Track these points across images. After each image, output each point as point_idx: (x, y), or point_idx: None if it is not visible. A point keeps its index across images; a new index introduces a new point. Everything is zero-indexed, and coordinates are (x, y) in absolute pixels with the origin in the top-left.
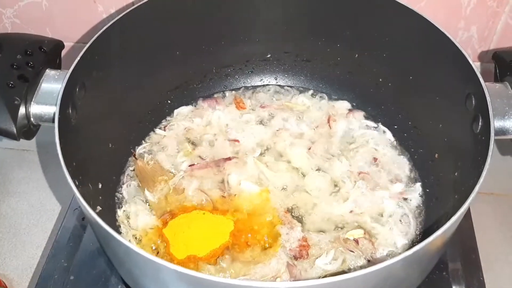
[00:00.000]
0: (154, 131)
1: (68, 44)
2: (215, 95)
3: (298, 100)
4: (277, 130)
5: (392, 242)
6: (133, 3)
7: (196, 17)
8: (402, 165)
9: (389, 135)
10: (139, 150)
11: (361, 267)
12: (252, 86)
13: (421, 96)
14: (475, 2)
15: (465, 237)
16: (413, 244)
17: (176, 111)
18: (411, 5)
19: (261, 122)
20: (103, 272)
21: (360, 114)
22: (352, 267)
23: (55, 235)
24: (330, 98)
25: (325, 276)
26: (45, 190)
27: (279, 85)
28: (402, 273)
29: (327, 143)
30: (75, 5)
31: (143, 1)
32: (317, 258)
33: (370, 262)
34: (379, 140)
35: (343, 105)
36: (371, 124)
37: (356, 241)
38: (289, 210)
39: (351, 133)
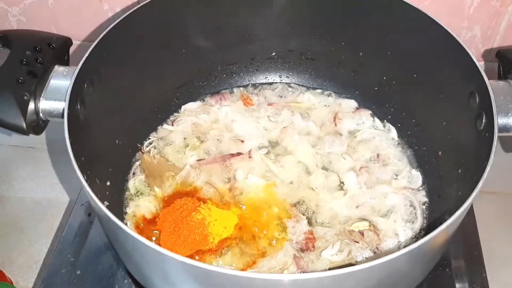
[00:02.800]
0: (162, 126)
1: (73, 43)
2: (223, 92)
3: (304, 97)
4: (283, 127)
5: (396, 234)
6: (138, 2)
7: (202, 15)
8: (405, 162)
9: (393, 133)
10: (146, 144)
11: (367, 258)
12: (259, 83)
13: (425, 94)
14: (478, 1)
15: (468, 234)
16: (415, 238)
17: (183, 107)
18: (415, 4)
19: (268, 119)
20: (110, 267)
21: (366, 113)
22: (358, 258)
23: (62, 231)
24: (337, 96)
25: (331, 268)
26: (51, 186)
27: (286, 83)
28: (406, 268)
29: (333, 140)
30: (81, 3)
31: (148, 0)
32: (323, 250)
33: (376, 254)
34: (383, 138)
35: (350, 103)
36: (376, 122)
37: (362, 233)
38: (295, 205)
39: (356, 131)
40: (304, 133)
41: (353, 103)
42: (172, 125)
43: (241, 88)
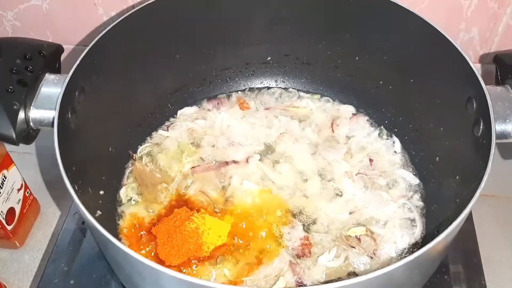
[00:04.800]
0: (157, 131)
1: (68, 47)
2: (220, 96)
3: (302, 102)
4: (280, 134)
5: (394, 240)
6: (133, 6)
7: (196, 20)
8: (403, 168)
9: (390, 138)
10: (140, 150)
11: (364, 264)
12: (257, 87)
13: (422, 99)
14: (476, 3)
15: (466, 240)
16: (414, 244)
17: (179, 112)
18: (412, 7)
19: (265, 124)
20: (103, 276)
21: (364, 119)
22: (355, 264)
23: (56, 239)
24: (334, 102)
25: (328, 274)
26: (45, 193)
27: (283, 87)
28: (403, 278)
29: (330, 146)
30: (76, 8)
31: (143, 4)
32: (319, 256)
33: (373, 259)
34: (381, 144)
35: (348, 109)
36: (374, 128)
37: (358, 238)
38: (291, 211)
39: (353, 137)
40: (301, 139)
41: (351, 109)
42: (168, 130)
43: (238, 92)
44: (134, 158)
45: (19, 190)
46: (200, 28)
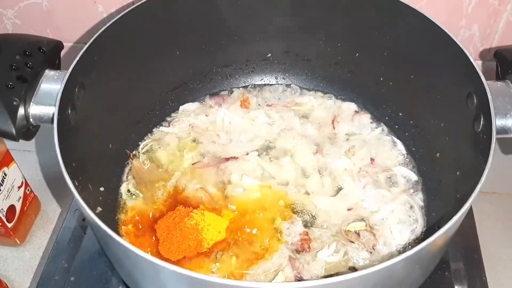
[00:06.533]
0: (157, 128)
1: (68, 45)
2: (222, 93)
3: (304, 99)
4: (281, 130)
5: (393, 236)
6: (133, 3)
7: (196, 17)
8: (403, 165)
9: (390, 135)
10: (141, 147)
11: (363, 259)
12: (258, 84)
13: (422, 95)
14: (476, 0)
15: (467, 236)
16: (414, 240)
17: (181, 108)
18: (412, 4)
19: (266, 121)
20: (104, 273)
21: (366, 116)
22: (354, 259)
23: (56, 236)
24: (336, 99)
25: (327, 269)
26: (46, 191)
27: (286, 84)
28: (403, 273)
29: (331, 143)
30: (76, 5)
31: (143, 1)
32: (319, 251)
33: (372, 254)
34: (381, 141)
35: (350, 106)
36: (375, 125)
37: (358, 233)
38: (291, 206)
39: (354, 134)
40: (302, 135)
41: (353, 106)
42: (169, 126)
43: (240, 88)
44: (131, 157)
45: (19, 187)
46: (200, 25)
